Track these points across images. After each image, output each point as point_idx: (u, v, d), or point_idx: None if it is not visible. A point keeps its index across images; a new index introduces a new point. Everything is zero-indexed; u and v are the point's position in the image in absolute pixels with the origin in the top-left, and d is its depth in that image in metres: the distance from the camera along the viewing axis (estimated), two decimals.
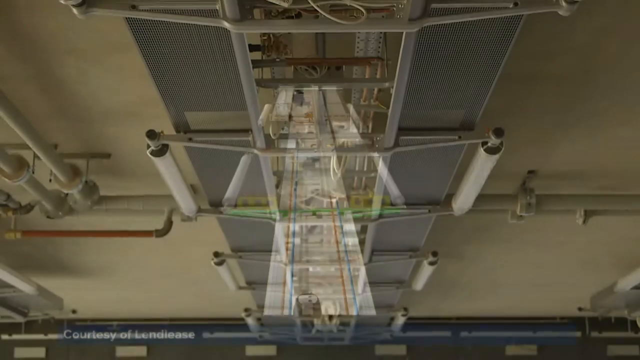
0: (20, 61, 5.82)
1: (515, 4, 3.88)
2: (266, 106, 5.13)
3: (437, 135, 5.62)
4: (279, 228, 7.53)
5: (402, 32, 4.04)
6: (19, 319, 12.83)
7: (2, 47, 5.62)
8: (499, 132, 5.40)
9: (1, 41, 5.54)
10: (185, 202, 6.85)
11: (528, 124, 6.92)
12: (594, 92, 6.30)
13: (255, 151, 5.59)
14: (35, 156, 6.78)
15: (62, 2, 3.68)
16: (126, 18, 4.12)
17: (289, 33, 4.79)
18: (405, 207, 7.14)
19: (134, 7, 3.88)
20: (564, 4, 3.80)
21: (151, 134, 5.41)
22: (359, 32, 4.74)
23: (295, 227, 8.28)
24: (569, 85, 6.19)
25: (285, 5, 3.82)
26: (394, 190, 6.62)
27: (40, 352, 16.01)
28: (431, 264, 9.15)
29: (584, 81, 6.13)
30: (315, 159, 6.45)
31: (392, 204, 7.05)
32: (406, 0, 3.80)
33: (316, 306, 11.75)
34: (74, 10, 3.75)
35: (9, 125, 5.85)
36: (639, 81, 6.14)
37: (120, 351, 16.17)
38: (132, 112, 6.67)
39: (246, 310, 12.82)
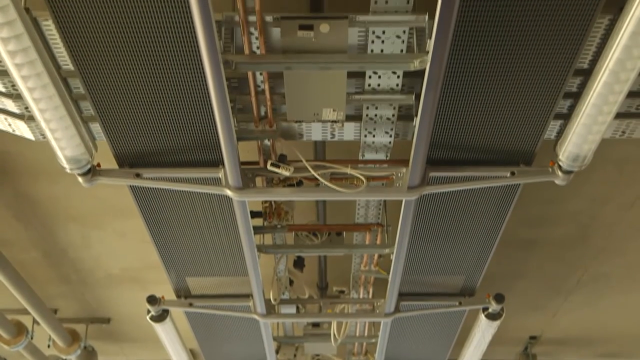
0: (23, 226, 5.87)
1: (512, 174, 3.95)
2: None
3: (437, 301, 5.61)
4: None
5: (402, 200, 4.10)
6: None
7: (6, 212, 5.69)
8: (499, 298, 5.40)
9: (5, 206, 5.61)
10: None
11: (529, 289, 6.91)
12: (593, 257, 6.33)
13: (256, 317, 5.56)
14: (35, 321, 6.74)
15: (68, 171, 3.75)
16: (130, 186, 4.19)
17: (290, 200, 4.86)
18: None
19: (138, 176, 3.96)
20: (559, 173, 3.87)
21: (152, 300, 5.40)
22: (359, 199, 4.80)
23: None
24: (568, 250, 6.22)
25: (287, 174, 3.89)
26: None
27: None
28: None
29: (582, 247, 6.16)
30: (316, 325, 6.41)
31: None
32: (405, 169, 3.88)
33: None
34: (80, 179, 3.82)
35: (10, 290, 5.85)
36: (637, 247, 6.17)
37: None
38: (133, 277, 6.69)
39: None
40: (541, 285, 6.86)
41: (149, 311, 5.50)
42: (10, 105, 3.86)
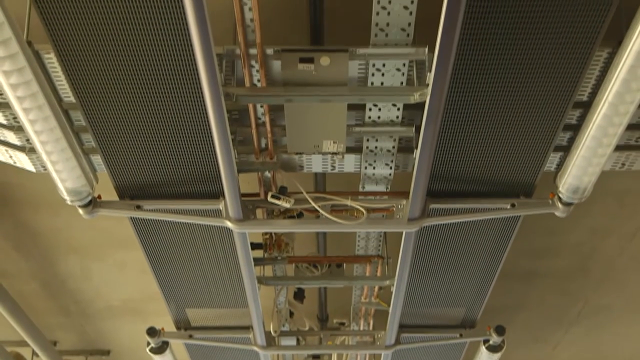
0: (23, 257, 5.86)
1: (513, 205, 3.96)
2: None
3: (438, 333, 5.59)
4: None
5: (402, 232, 4.10)
6: None
7: (6, 244, 5.68)
8: (500, 330, 5.38)
9: (5, 237, 5.61)
10: None
11: (530, 321, 6.88)
12: (594, 289, 6.31)
13: (256, 349, 5.54)
14: (34, 353, 6.71)
15: (69, 202, 3.75)
16: (131, 217, 4.19)
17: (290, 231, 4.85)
18: None
19: (138, 208, 3.96)
20: (560, 205, 3.87)
21: (151, 331, 5.38)
22: (359, 231, 4.80)
23: None
24: (569, 282, 6.20)
25: (287, 205, 3.89)
26: None
27: None
28: None
29: (583, 279, 6.15)
30: (316, 357, 6.38)
31: None
32: (405, 201, 3.88)
33: None
34: (80, 211, 3.82)
35: (9, 321, 5.83)
36: (638, 279, 6.16)
37: None
38: (133, 308, 6.66)
39: None
40: (542, 317, 6.84)
41: (148, 343, 5.48)
42: (11, 137, 3.87)
